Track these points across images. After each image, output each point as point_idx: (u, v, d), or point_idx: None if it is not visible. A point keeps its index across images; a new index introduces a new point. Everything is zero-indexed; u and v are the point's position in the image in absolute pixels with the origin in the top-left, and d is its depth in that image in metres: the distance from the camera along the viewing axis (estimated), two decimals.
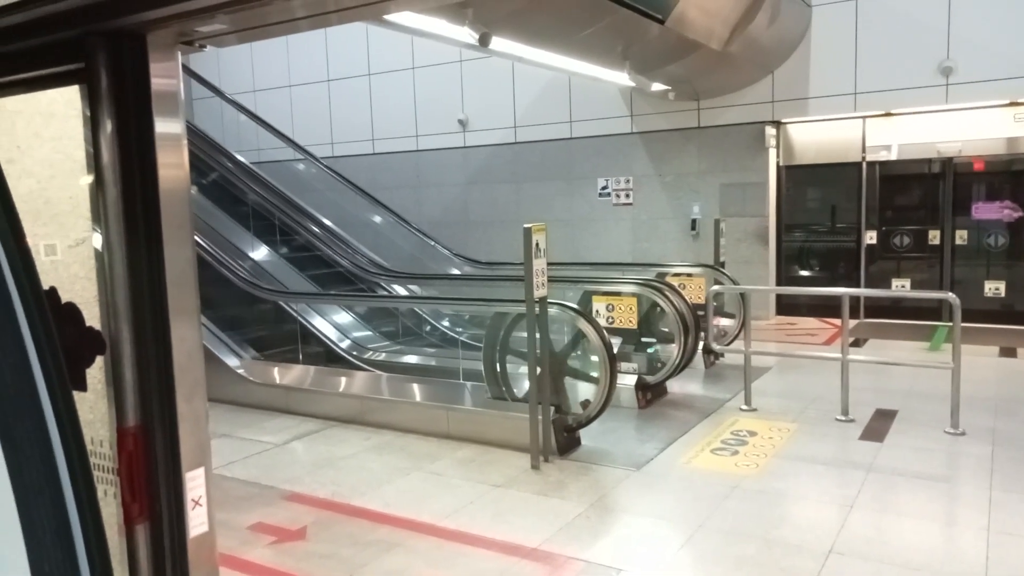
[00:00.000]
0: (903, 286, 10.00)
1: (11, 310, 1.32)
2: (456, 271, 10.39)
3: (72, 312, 1.85)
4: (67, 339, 1.78)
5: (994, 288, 9.52)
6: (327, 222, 9.97)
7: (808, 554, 3.67)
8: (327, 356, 7.73)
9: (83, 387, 1.88)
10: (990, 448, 5.08)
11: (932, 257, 9.88)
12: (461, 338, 8.76)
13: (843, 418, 5.81)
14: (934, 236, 9.85)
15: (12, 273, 1.34)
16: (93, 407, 1.98)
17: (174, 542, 1.81)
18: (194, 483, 1.83)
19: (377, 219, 11.12)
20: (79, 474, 1.34)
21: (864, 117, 9.89)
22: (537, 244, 4.96)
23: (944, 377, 5.64)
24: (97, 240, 1.97)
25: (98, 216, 1.94)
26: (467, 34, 5.89)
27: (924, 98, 9.23)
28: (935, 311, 9.66)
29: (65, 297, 1.98)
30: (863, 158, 10.09)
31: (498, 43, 6.37)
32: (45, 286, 1.63)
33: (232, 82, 13.72)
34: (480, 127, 12.19)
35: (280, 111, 13.48)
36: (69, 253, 2.18)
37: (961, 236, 9.70)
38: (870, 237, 10.18)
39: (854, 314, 9.87)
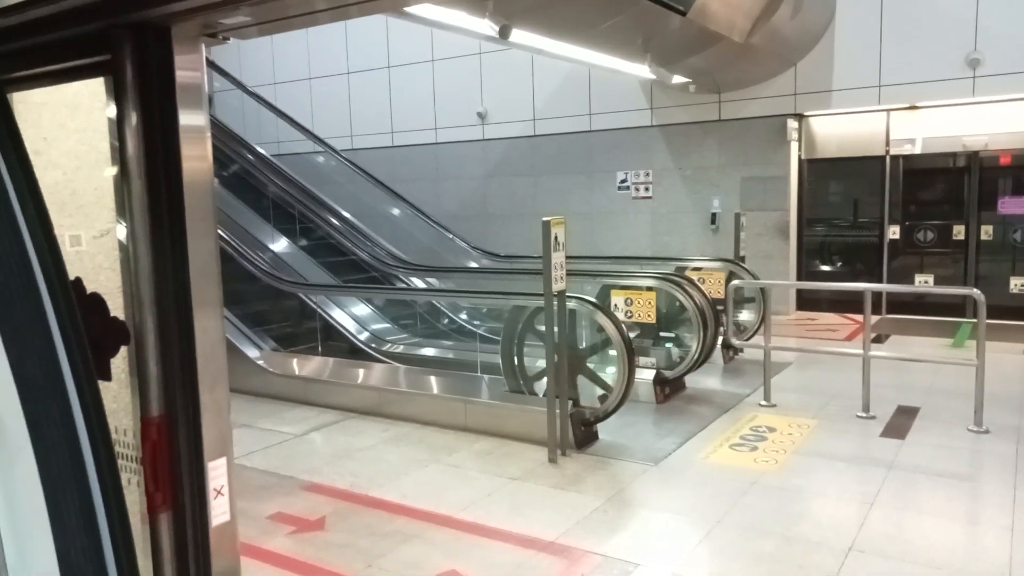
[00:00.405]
0: (926, 282, 9.87)
1: (39, 300, 1.34)
2: (474, 264, 10.40)
3: (97, 302, 1.87)
4: (92, 329, 1.80)
5: (1020, 284, 9.37)
6: (346, 214, 10.01)
7: (828, 551, 3.65)
8: (346, 348, 7.78)
9: (108, 377, 1.90)
10: (1015, 446, 5.02)
11: (956, 252, 9.74)
12: (479, 331, 8.77)
13: (864, 415, 5.75)
14: (959, 231, 9.71)
15: (40, 263, 1.36)
16: (117, 396, 2.00)
17: (196, 531, 1.83)
18: (216, 472, 1.85)
19: (396, 211, 11.15)
20: (104, 462, 1.36)
21: (888, 110, 9.76)
22: (556, 237, 4.95)
23: (968, 374, 5.56)
24: (121, 231, 1.99)
25: (123, 207, 1.96)
26: (487, 26, 5.88)
27: (950, 91, 9.08)
28: (959, 307, 9.53)
29: (90, 287, 2.01)
30: (887, 152, 9.95)
31: (518, 35, 6.35)
32: (71, 277, 1.65)
33: (253, 75, 13.79)
34: (499, 120, 12.17)
35: (300, 104, 13.53)
36: (94, 244, 2.20)
37: (986, 231, 9.55)
38: (893, 232, 10.05)
39: (876, 310, 9.75)
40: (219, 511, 1.85)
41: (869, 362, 5.81)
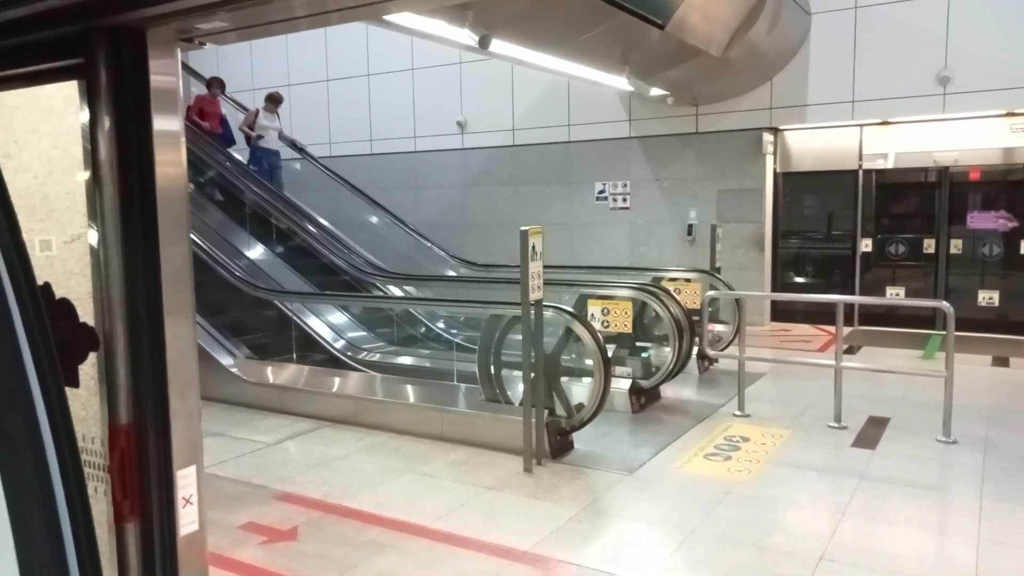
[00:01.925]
0: (898, 294, 10.03)
1: (5, 305, 1.32)
2: (452, 273, 10.39)
3: (66, 307, 1.85)
4: (60, 334, 1.77)
5: (988, 297, 9.55)
6: (324, 222, 9.96)
7: (799, 561, 3.68)
8: (321, 356, 7.72)
9: (75, 383, 1.88)
10: (982, 457, 5.10)
11: (927, 266, 9.91)
12: (456, 340, 8.76)
13: (836, 425, 5.82)
14: (929, 245, 9.88)
15: (7, 268, 1.34)
16: (85, 404, 1.97)
17: (164, 540, 1.81)
18: (185, 481, 1.83)
19: (374, 219, 11.12)
20: (70, 471, 1.34)
21: (861, 125, 9.93)
22: (534, 247, 4.97)
23: (937, 385, 5.65)
24: (93, 236, 1.96)
25: (95, 212, 1.94)
26: (467, 36, 5.90)
27: (921, 107, 9.27)
28: (929, 319, 9.69)
29: (60, 293, 1.98)
30: (860, 166, 10.12)
31: (498, 46, 6.38)
32: (39, 281, 1.63)
33: (231, 80, 13.67)
34: (479, 129, 12.19)
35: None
36: (65, 249, 2.18)
37: (956, 245, 9.73)
38: (865, 245, 10.21)
39: (848, 321, 9.90)
40: (188, 520, 1.83)
41: (841, 373, 5.89)
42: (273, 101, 11.05)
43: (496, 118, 11.98)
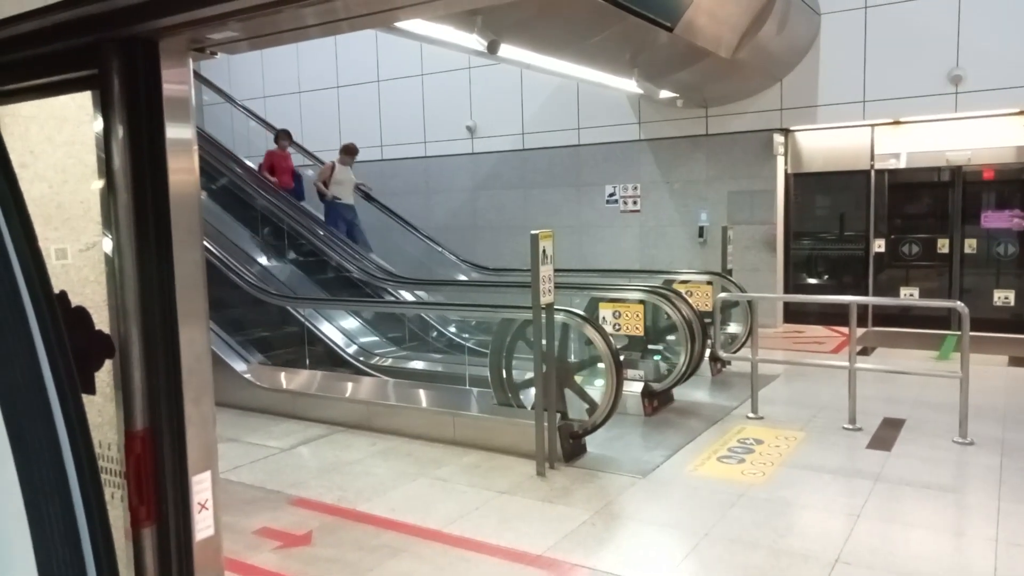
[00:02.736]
0: (911, 295, 9.96)
1: (23, 313, 1.34)
2: (463, 277, 10.40)
3: (82, 315, 1.87)
4: (77, 342, 1.79)
5: (1003, 297, 9.47)
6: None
7: (815, 563, 3.66)
8: (334, 361, 7.75)
9: (92, 390, 1.89)
10: (999, 458, 5.05)
11: (941, 266, 9.84)
12: (468, 344, 8.77)
13: (850, 427, 5.78)
14: (943, 245, 9.81)
15: (25, 276, 1.36)
16: (101, 410, 1.99)
17: (180, 545, 1.82)
18: (201, 487, 1.84)
19: (385, 225, 11.15)
20: (87, 477, 1.35)
21: (873, 125, 9.87)
22: (544, 250, 4.97)
23: (952, 386, 5.61)
24: (107, 244, 1.99)
25: (109, 220, 1.96)
26: (476, 41, 5.92)
27: (933, 106, 9.21)
28: (944, 320, 9.61)
29: (75, 300, 2.00)
30: (871, 166, 10.06)
31: (507, 50, 6.40)
32: (56, 290, 1.65)
33: (242, 88, 13.81)
34: (488, 134, 12.22)
35: (290, 117, 13.54)
36: (80, 257, 2.20)
37: (970, 245, 9.66)
38: (878, 245, 10.14)
39: (862, 322, 9.84)
40: (203, 525, 1.84)
41: (855, 374, 5.85)
42: (349, 153, 10.49)
43: (506, 122, 12.00)
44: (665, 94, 9.64)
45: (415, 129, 12.85)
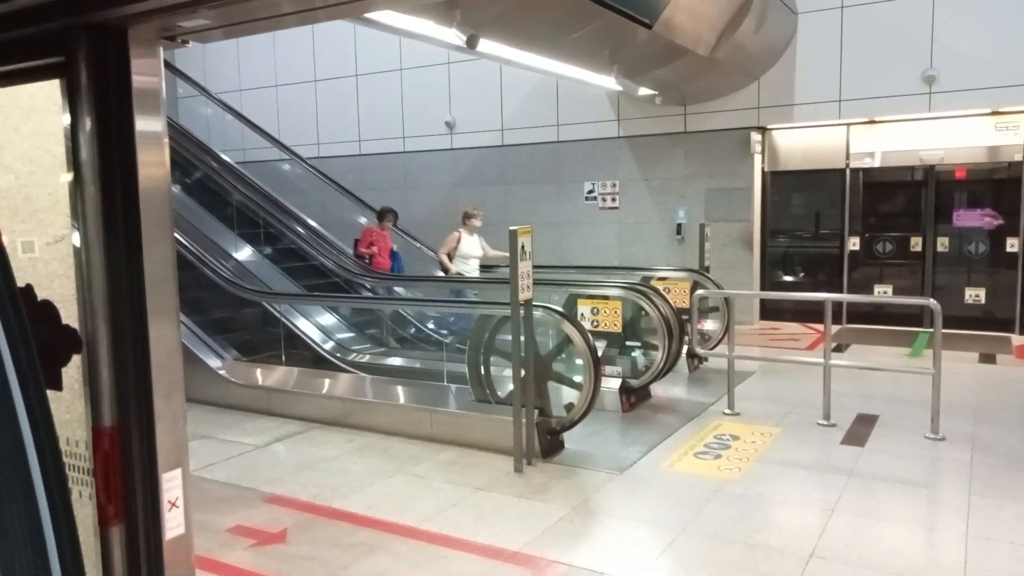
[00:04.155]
0: (885, 292, 10.08)
1: None
2: (442, 273, 10.35)
3: (48, 309, 1.82)
4: (43, 337, 1.75)
5: (975, 295, 9.62)
6: (312, 223, 9.91)
7: (789, 558, 3.69)
8: (310, 358, 7.68)
9: (58, 386, 1.85)
10: (969, 453, 5.13)
11: (914, 264, 9.97)
12: (445, 340, 8.74)
13: (825, 423, 5.84)
14: (916, 243, 9.94)
15: None
16: (70, 407, 1.95)
17: (150, 544, 1.79)
18: (171, 484, 1.81)
19: (363, 220, 11.06)
20: (52, 474, 1.32)
21: (848, 124, 9.97)
22: (523, 247, 4.96)
23: (925, 383, 5.68)
24: (76, 238, 1.94)
25: (77, 213, 1.92)
26: (455, 36, 5.88)
27: (907, 106, 9.32)
28: (917, 317, 9.74)
29: (43, 295, 1.96)
30: (847, 165, 10.16)
31: (486, 45, 6.36)
32: (21, 283, 1.60)
33: (218, 81, 13.63)
34: (468, 129, 12.18)
35: (266, 111, 13.40)
36: (47, 250, 2.15)
37: (943, 243, 9.80)
38: (853, 243, 10.26)
39: (837, 319, 9.95)
40: (173, 524, 1.81)
41: (830, 371, 5.91)
42: (474, 217, 8.76)
43: (485, 118, 11.97)
44: (644, 91, 9.66)
45: (394, 124, 12.77)
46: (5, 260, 1.35)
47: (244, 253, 9.17)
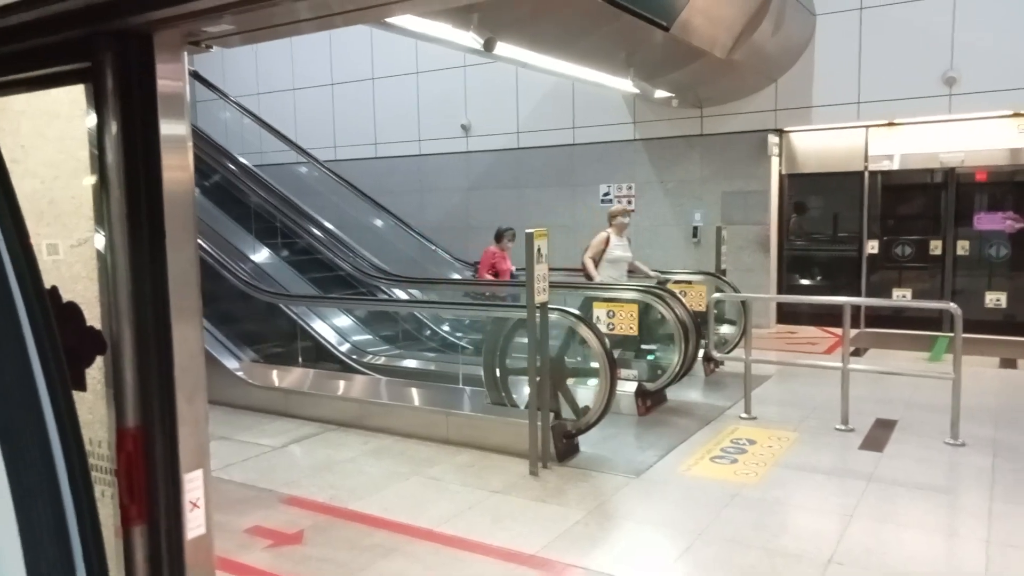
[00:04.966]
0: (904, 296, 9.99)
1: (13, 309, 1.32)
2: (457, 276, 10.38)
3: (73, 311, 1.85)
4: (68, 338, 1.77)
5: (995, 299, 9.51)
6: (329, 225, 9.97)
7: (808, 563, 3.66)
8: (326, 360, 7.72)
9: (83, 387, 1.87)
10: (991, 459, 5.07)
11: (933, 267, 9.87)
12: (461, 343, 8.75)
13: (843, 427, 5.79)
14: (936, 246, 9.84)
15: (15, 272, 1.34)
16: (92, 408, 1.97)
17: (171, 544, 1.80)
18: (192, 485, 1.82)
19: (379, 223, 11.12)
20: (78, 474, 1.34)
21: (867, 126, 9.90)
22: (539, 249, 4.96)
23: (944, 388, 5.62)
24: (99, 240, 1.96)
25: (101, 217, 1.94)
26: (472, 39, 5.90)
27: (927, 108, 9.24)
28: (936, 321, 9.65)
29: (67, 297, 1.98)
30: (865, 167, 10.09)
31: (503, 48, 6.38)
32: (47, 286, 1.63)
33: (236, 85, 13.74)
34: (483, 132, 12.20)
35: (283, 114, 13.50)
36: (71, 253, 2.18)
37: (963, 246, 9.69)
38: (871, 246, 10.17)
39: (855, 323, 9.86)
40: (194, 524, 1.82)
41: (848, 375, 5.86)
42: (625, 214, 7.98)
43: (500, 121, 11.98)
44: (660, 94, 9.65)
45: (409, 127, 12.82)
46: (34, 263, 1.37)
47: (262, 256, 9.24)
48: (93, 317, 1.95)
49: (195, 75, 11.60)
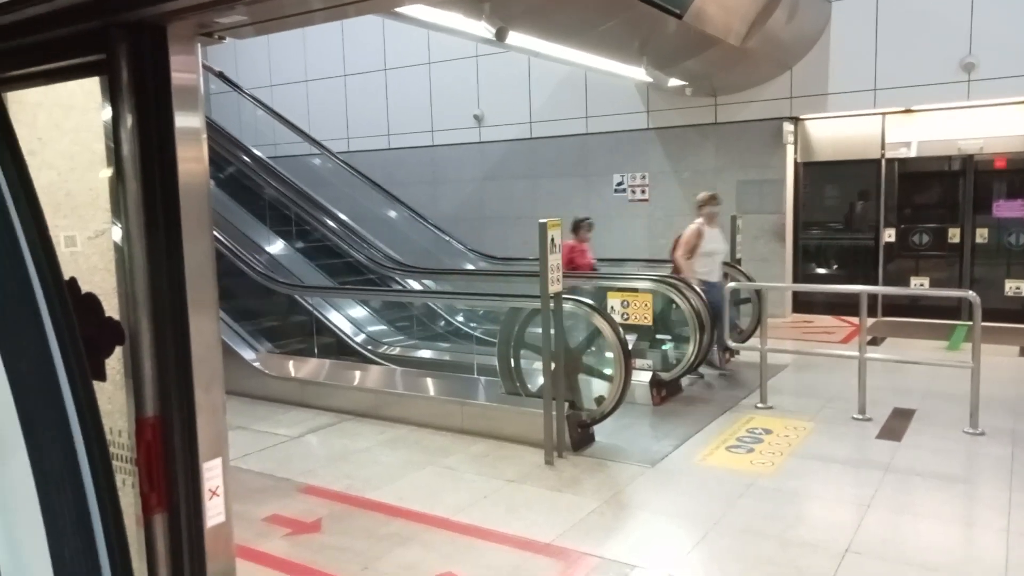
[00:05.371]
0: (922, 284, 9.90)
1: (33, 299, 1.33)
2: (471, 266, 10.39)
3: (92, 302, 1.86)
4: (87, 329, 1.78)
5: (1015, 287, 9.40)
6: (343, 216, 10.00)
7: (824, 553, 3.65)
8: (342, 350, 7.76)
9: (102, 377, 1.89)
10: (1010, 449, 5.02)
11: (951, 255, 9.76)
12: (475, 333, 8.76)
13: (860, 417, 5.76)
14: (954, 234, 9.73)
15: (34, 263, 1.35)
16: (112, 398, 1.99)
17: (191, 532, 1.82)
18: (211, 473, 1.84)
19: (392, 214, 11.14)
20: (99, 463, 1.35)
21: (884, 113, 9.79)
22: (552, 240, 4.95)
23: (963, 377, 5.57)
24: (116, 232, 1.98)
25: (118, 208, 1.95)
26: (484, 28, 5.88)
27: (945, 94, 9.11)
28: (954, 310, 9.55)
29: (84, 288, 2.00)
30: (882, 155, 9.98)
31: (515, 38, 6.36)
32: (65, 277, 1.64)
33: (249, 77, 13.78)
34: (496, 123, 12.17)
35: (296, 106, 13.52)
36: (89, 244, 2.20)
37: (981, 234, 9.58)
38: (888, 235, 10.07)
39: (871, 312, 9.78)
40: (214, 512, 1.84)
41: (865, 364, 5.82)
42: (716, 202, 7.37)
43: (513, 111, 11.95)
44: (674, 82, 9.58)
45: (422, 118, 12.81)
46: (53, 254, 1.38)
47: (276, 247, 9.28)
48: (111, 308, 1.97)
49: (208, 68, 11.63)
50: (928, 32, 9.09)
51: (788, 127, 10.10)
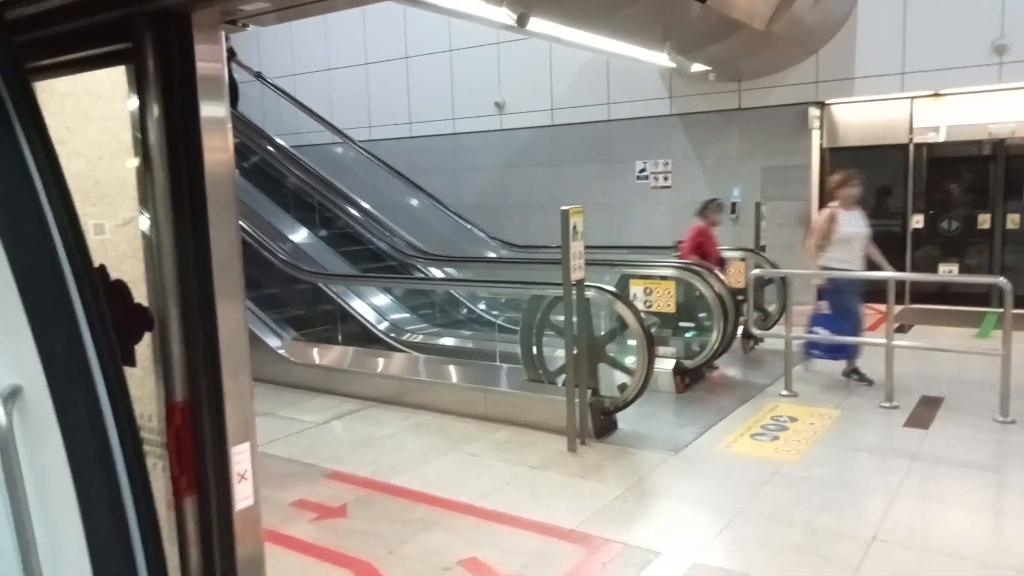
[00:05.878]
0: (951, 271, 9.73)
1: (64, 286, 1.35)
2: (493, 254, 10.39)
3: (121, 289, 1.89)
4: (117, 315, 1.81)
5: None
6: (365, 205, 10.04)
7: (851, 541, 3.62)
8: (366, 338, 7.81)
9: (132, 363, 1.92)
10: None
11: (981, 242, 9.58)
12: (498, 321, 8.77)
13: (887, 405, 5.69)
14: (984, 220, 9.55)
15: (65, 250, 1.37)
16: (141, 383, 2.02)
17: (221, 515, 1.85)
18: (240, 457, 1.87)
19: (414, 202, 11.16)
20: (130, 446, 1.37)
21: (912, 97, 9.60)
22: (575, 227, 4.93)
23: (993, 364, 5.48)
24: (144, 220, 2.00)
25: (145, 197, 1.98)
26: (505, 14, 5.84)
27: (975, 77, 8.91)
28: (984, 297, 9.38)
29: (113, 275, 2.03)
30: (910, 140, 9.80)
31: (536, 24, 6.30)
32: (95, 264, 1.66)
33: (272, 66, 13.82)
34: (517, 110, 12.12)
35: (319, 95, 13.55)
36: (117, 232, 2.22)
37: (1013, 220, 9.38)
38: (916, 221, 9.91)
39: (899, 299, 9.62)
40: (243, 495, 1.87)
41: (892, 352, 5.75)
42: (854, 184, 6.60)
43: (535, 98, 11.89)
44: (697, 68, 9.46)
45: (443, 106, 12.79)
46: (83, 242, 1.40)
47: (300, 235, 9.34)
48: (139, 295, 1.99)
49: (246, 68, 11.66)
50: (958, 13, 8.88)
51: (814, 112, 9.95)
